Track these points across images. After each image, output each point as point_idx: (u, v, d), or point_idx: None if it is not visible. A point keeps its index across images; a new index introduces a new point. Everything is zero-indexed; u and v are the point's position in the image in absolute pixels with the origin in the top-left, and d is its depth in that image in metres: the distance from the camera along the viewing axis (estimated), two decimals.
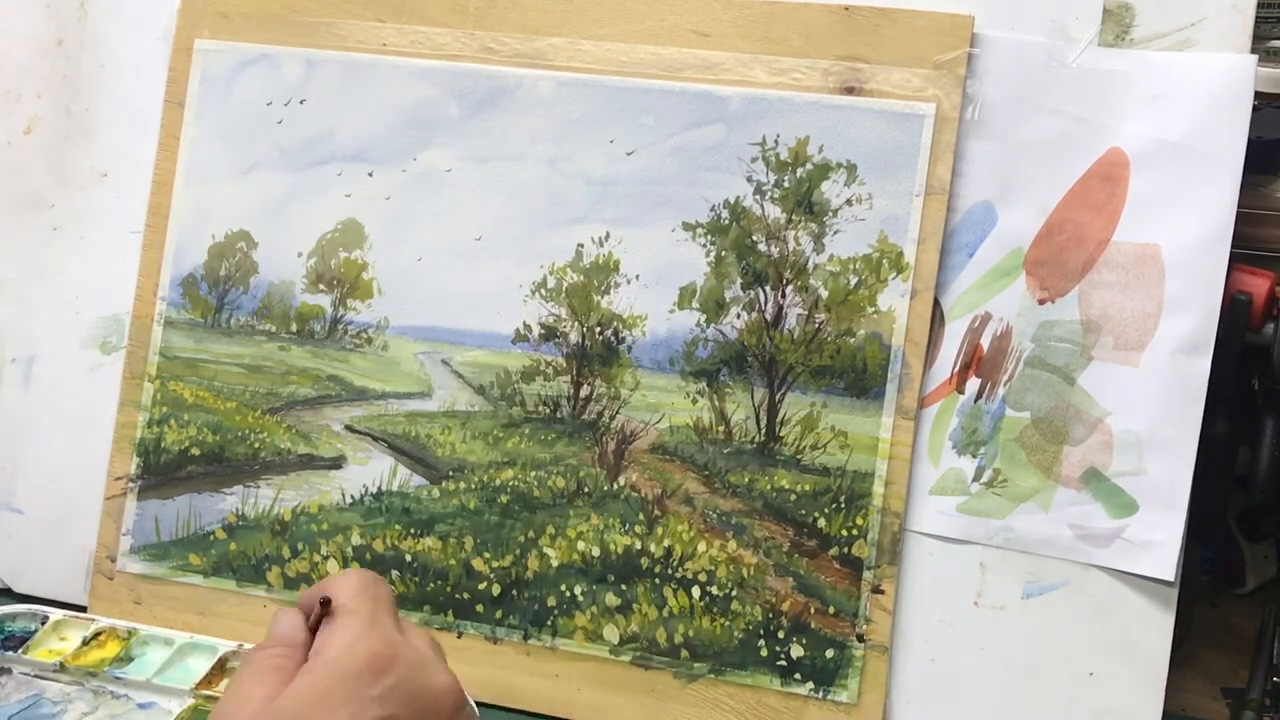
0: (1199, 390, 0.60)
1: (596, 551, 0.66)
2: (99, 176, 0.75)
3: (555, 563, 0.67)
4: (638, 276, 0.67)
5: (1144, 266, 0.62)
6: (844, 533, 0.64)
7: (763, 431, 0.66)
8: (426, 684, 0.47)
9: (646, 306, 0.67)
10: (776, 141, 0.66)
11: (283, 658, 0.48)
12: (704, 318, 0.66)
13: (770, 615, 0.64)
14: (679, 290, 0.67)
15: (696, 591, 0.65)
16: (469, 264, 0.69)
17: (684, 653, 0.65)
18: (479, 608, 0.67)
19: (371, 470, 0.70)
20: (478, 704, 0.64)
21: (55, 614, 0.69)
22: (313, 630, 0.49)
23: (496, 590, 0.67)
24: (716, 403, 0.66)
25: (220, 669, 0.66)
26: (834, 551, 0.64)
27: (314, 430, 0.71)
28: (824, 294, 0.65)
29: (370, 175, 0.71)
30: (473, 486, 0.68)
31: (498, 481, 0.68)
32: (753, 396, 0.66)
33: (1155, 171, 0.62)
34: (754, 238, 0.66)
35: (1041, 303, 0.63)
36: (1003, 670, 0.63)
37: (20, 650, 0.67)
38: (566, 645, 0.66)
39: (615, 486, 0.67)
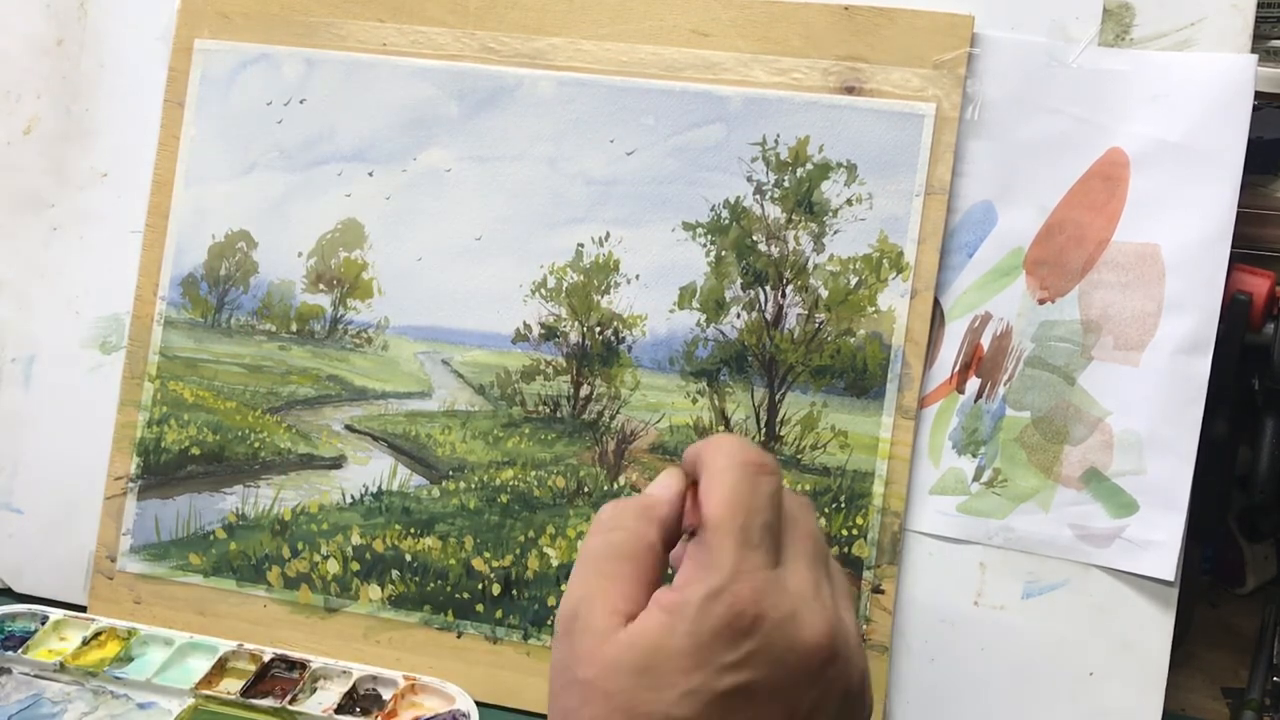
0: (1199, 390, 0.60)
1: None
2: (99, 176, 0.75)
3: (555, 562, 0.67)
4: (638, 276, 0.67)
5: (1144, 266, 0.62)
6: (844, 532, 0.64)
7: (763, 431, 0.66)
8: (793, 642, 0.41)
9: (646, 306, 0.67)
10: (776, 141, 0.66)
11: (641, 542, 0.43)
12: (704, 317, 0.66)
13: None
14: (679, 290, 0.67)
15: None
16: (469, 264, 0.69)
17: None
18: (479, 607, 0.67)
19: (371, 470, 0.70)
20: (477, 704, 0.64)
21: (55, 614, 0.69)
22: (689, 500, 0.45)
23: (496, 590, 0.67)
24: (716, 402, 0.66)
25: (220, 669, 0.67)
26: (834, 551, 0.64)
27: (314, 430, 0.71)
28: (824, 294, 0.65)
29: (370, 175, 0.71)
30: (473, 486, 0.68)
31: (498, 481, 0.68)
32: (753, 396, 0.66)
33: (1155, 171, 0.62)
34: (754, 238, 0.66)
35: (1041, 302, 0.63)
36: (1003, 670, 0.63)
37: (20, 650, 0.67)
38: None
39: (615, 486, 0.67)
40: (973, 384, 0.64)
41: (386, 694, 0.65)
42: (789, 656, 0.41)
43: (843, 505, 0.64)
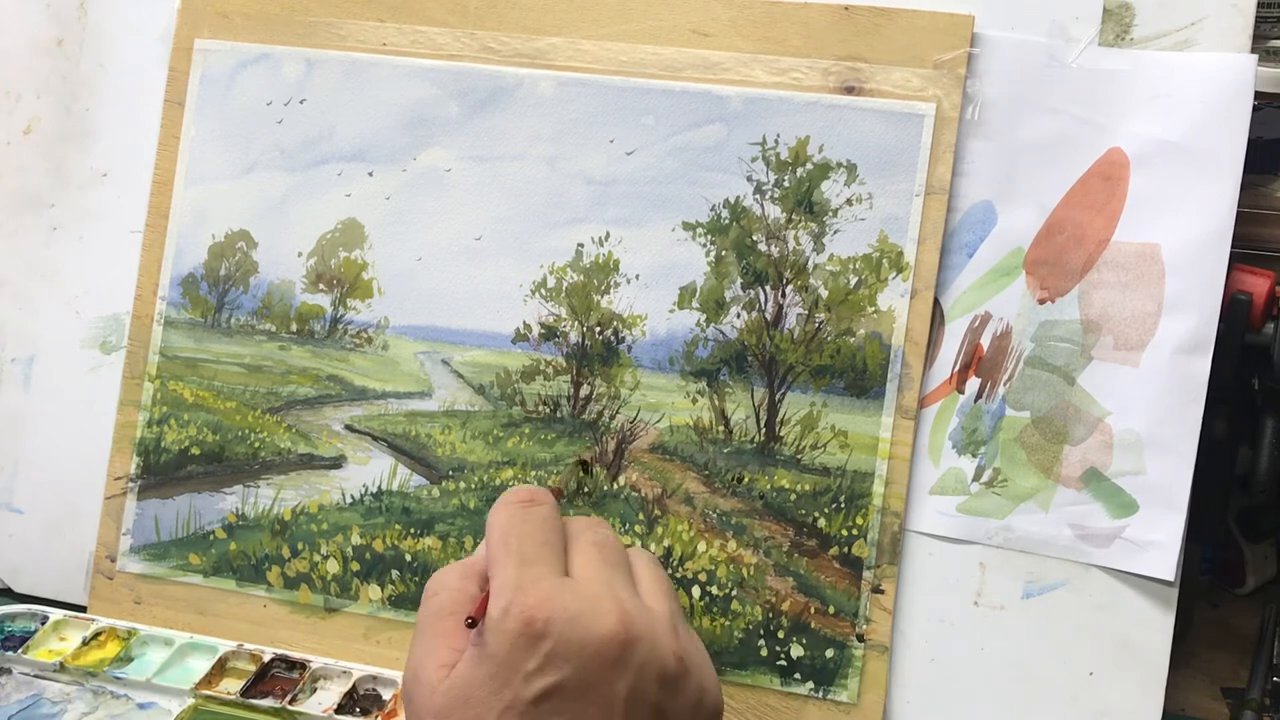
0: (1199, 390, 0.60)
1: None
2: (99, 176, 0.75)
3: None
4: (638, 276, 0.67)
5: (1144, 266, 0.62)
6: (844, 533, 0.64)
7: (763, 431, 0.66)
8: (586, 636, 0.43)
9: (646, 306, 0.67)
10: (776, 141, 0.66)
11: (464, 596, 0.46)
12: (704, 317, 0.66)
13: (770, 615, 0.64)
14: (679, 290, 0.67)
15: (696, 591, 0.65)
16: (469, 264, 0.69)
17: None
18: None
19: (371, 470, 0.70)
20: None
21: (55, 614, 0.69)
22: None
23: None
24: (716, 402, 0.66)
25: (220, 669, 0.67)
26: (834, 551, 0.64)
27: (314, 430, 0.71)
28: (824, 294, 0.65)
29: (370, 175, 0.71)
30: (473, 486, 0.68)
31: (498, 481, 0.68)
32: (753, 396, 0.66)
33: (1155, 171, 0.62)
34: (754, 237, 0.66)
35: (1041, 302, 0.63)
36: (1003, 670, 0.63)
37: (20, 650, 0.67)
38: None
39: (615, 486, 0.67)
40: (973, 384, 0.64)
41: (386, 694, 0.65)
42: (585, 651, 0.43)
43: (843, 505, 0.64)
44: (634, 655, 0.43)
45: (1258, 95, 0.61)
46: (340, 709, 0.64)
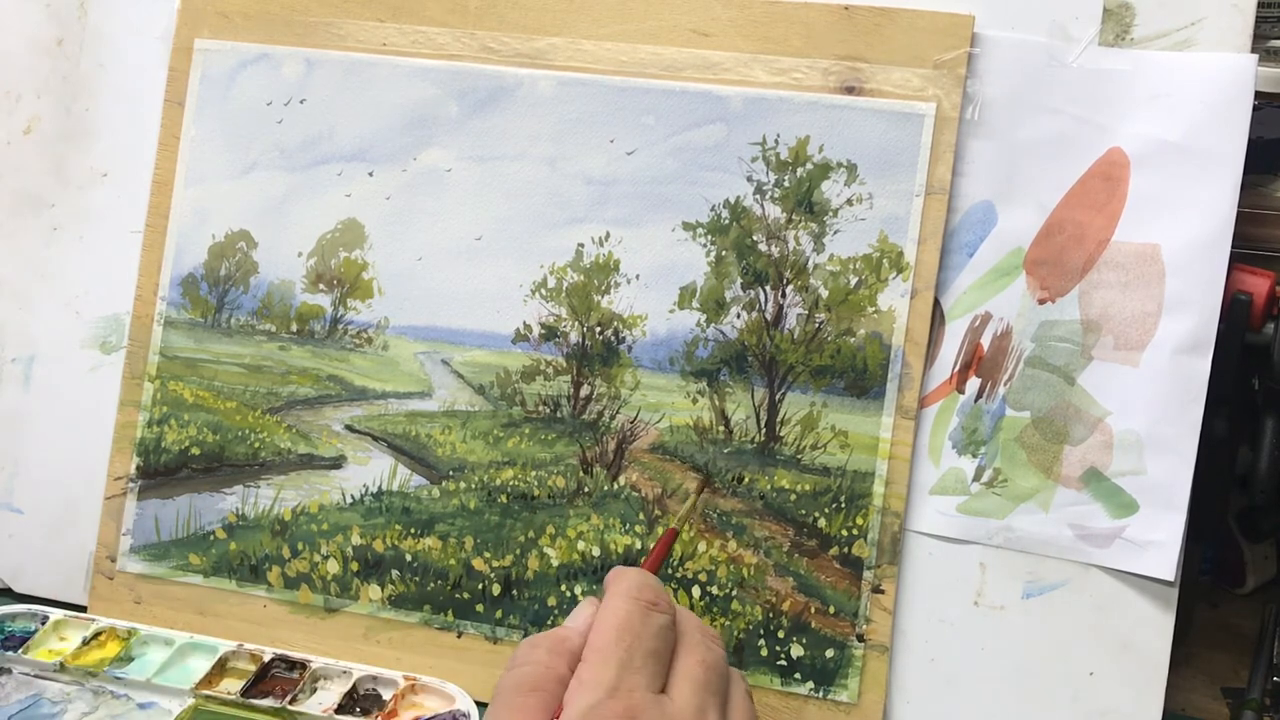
0: (1199, 390, 0.60)
1: (597, 551, 0.66)
2: (99, 176, 0.75)
3: (555, 562, 0.67)
4: (638, 276, 0.67)
5: (1144, 266, 0.62)
6: (844, 533, 0.64)
7: (763, 431, 0.66)
8: None
9: (646, 306, 0.67)
10: (777, 141, 0.66)
11: (550, 673, 0.44)
12: (704, 317, 0.66)
13: (770, 615, 0.64)
14: (679, 290, 0.67)
15: (696, 591, 0.65)
16: (469, 264, 0.69)
17: None
18: (479, 607, 0.67)
19: (371, 470, 0.70)
20: (477, 704, 0.64)
21: (55, 614, 0.69)
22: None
23: (497, 590, 0.67)
24: (716, 402, 0.66)
25: (220, 669, 0.67)
26: (834, 551, 0.64)
27: (314, 430, 0.71)
28: (824, 294, 0.65)
29: (370, 175, 0.71)
30: (473, 486, 0.68)
31: (498, 481, 0.68)
32: (753, 396, 0.66)
33: (1155, 171, 0.62)
34: (754, 237, 0.66)
35: (1042, 302, 0.63)
36: (1003, 670, 0.63)
37: (20, 650, 0.67)
38: None
39: (615, 486, 0.67)
40: (973, 384, 0.64)
41: (386, 694, 0.65)
42: None
43: (843, 505, 0.64)
44: None
45: (1258, 95, 0.61)
46: (340, 709, 0.64)
